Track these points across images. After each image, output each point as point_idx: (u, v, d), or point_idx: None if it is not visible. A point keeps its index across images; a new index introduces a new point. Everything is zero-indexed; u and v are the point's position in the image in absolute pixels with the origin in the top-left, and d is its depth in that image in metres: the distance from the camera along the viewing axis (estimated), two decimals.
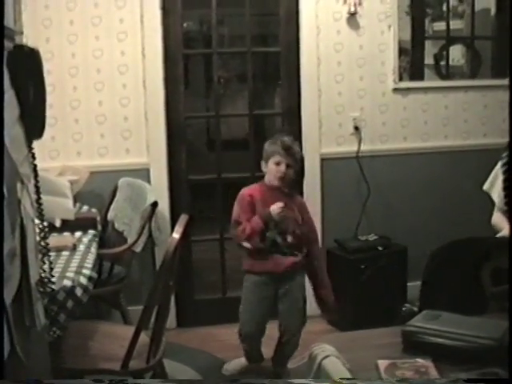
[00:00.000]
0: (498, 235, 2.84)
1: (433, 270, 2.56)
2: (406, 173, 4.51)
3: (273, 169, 3.46)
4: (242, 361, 3.71)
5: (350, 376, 1.57)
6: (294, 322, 3.53)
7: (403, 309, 2.03)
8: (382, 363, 1.89)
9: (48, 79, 1.63)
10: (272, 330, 3.58)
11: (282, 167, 3.43)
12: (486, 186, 3.08)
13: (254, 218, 3.41)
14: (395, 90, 4.43)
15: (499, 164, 2.90)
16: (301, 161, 3.54)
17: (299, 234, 3.49)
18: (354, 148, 4.39)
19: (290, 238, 3.46)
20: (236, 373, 3.68)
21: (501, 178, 2.80)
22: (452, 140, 4.57)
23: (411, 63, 4.49)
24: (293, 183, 3.56)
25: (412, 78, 4.50)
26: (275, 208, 3.39)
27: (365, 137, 4.41)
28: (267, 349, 3.63)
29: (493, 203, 3.00)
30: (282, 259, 3.45)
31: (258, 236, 3.40)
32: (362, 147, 4.39)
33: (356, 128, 4.39)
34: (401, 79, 4.43)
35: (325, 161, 4.39)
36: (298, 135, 4.35)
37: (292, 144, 3.49)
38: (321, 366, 1.64)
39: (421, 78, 4.56)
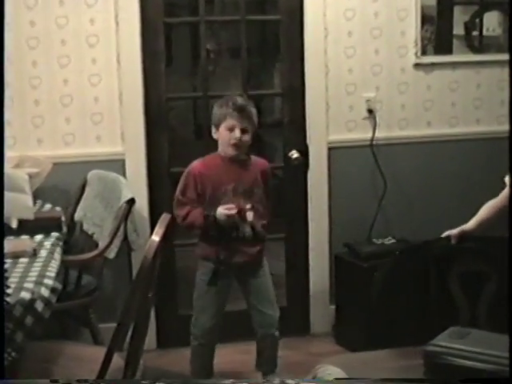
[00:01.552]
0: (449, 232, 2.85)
1: (383, 289, 2.62)
2: (429, 164, 4.51)
3: (225, 135, 3.51)
4: None
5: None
6: (267, 313, 3.68)
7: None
8: None
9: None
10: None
11: (237, 133, 3.48)
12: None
13: (196, 210, 3.50)
14: (417, 65, 4.42)
15: None
16: (258, 123, 3.59)
17: (260, 209, 3.57)
18: (368, 135, 4.39)
19: (250, 216, 3.53)
20: None
21: None
22: (485, 125, 4.57)
23: (437, 33, 4.47)
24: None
25: (438, 51, 4.49)
26: (223, 212, 3.46)
27: (380, 121, 4.41)
28: None
29: None
30: (245, 247, 3.57)
31: (199, 229, 3.54)
32: (377, 134, 4.40)
33: (370, 111, 4.40)
34: (424, 53, 4.43)
35: (333, 150, 4.40)
36: (301, 119, 4.37)
37: (246, 104, 3.52)
38: None
39: (448, 51, 4.53)
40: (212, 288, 3.63)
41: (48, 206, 3.85)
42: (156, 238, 2.55)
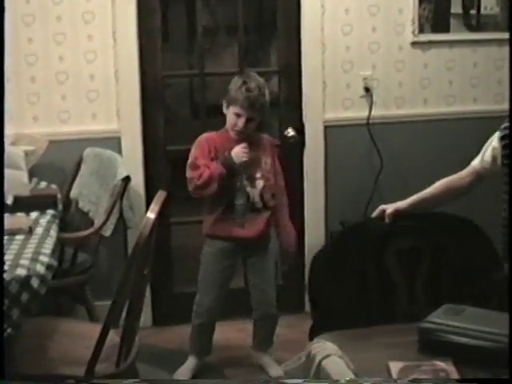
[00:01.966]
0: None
1: (322, 270, 2.64)
2: (426, 142, 4.51)
3: (231, 119, 3.56)
4: (190, 362, 3.81)
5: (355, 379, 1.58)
6: (266, 295, 3.73)
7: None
8: (395, 365, 1.91)
9: None
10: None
11: (241, 121, 3.53)
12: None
13: (213, 162, 3.52)
14: (414, 43, 4.41)
15: (496, 136, 2.93)
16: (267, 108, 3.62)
17: (270, 179, 3.61)
18: (365, 113, 4.39)
19: (260, 184, 3.58)
20: (190, 377, 3.77)
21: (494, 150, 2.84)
22: (482, 104, 4.56)
23: (434, 12, 4.45)
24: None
25: (435, 29, 4.47)
26: (237, 151, 3.50)
27: (377, 100, 4.40)
28: None
29: None
30: (254, 219, 3.58)
31: (217, 183, 3.49)
32: (374, 112, 4.39)
33: (367, 89, 4.39)
34: (421, 31, 4.41)
35: (329, 128, 4.40)
36: (297, 97, 4.36)
37: (258, 95, 3.51)
38: (320, 367, 1.65)
39: (446, 29, 4.52)
40: (217, 267, 3.65)
41: (44, 184, 3.85)
42: (151, 214, 2.55)
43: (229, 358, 3.98)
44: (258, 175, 3.60)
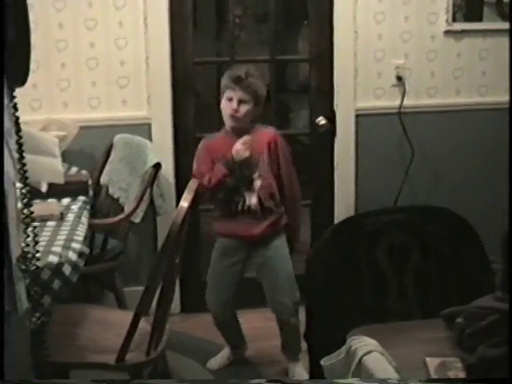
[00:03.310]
0: None
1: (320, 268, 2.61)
2: (458, 133, 4.46)
3: (225, 106, 3.50)
4: (226, 352, 3.80)
5: (396, 376, 1.54)
6: (280, 301, 3.55)
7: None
8: (432, 361, 1.87)
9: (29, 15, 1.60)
10: None
11: (233, 103, 3.44)
12: None
13: (216, 165, 3.47)
14: (447, 32, 4.35)
15: None
16: (267, 92, 3.56)
17: (267, 178, 3.49)
18: (396, 102, 4.34)
19: (257, 185, 3.48)
20: (223, 366, 3.77)
21: None
22: None
23: (467, 0, 4.38)
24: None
25: (468, 18, 4.42)
26: (237, 148, 3.42)
27: (409, 89, 4.35)
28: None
29: None
30: (254, 220, 3.50)
31: (224, 182, 3.44)
32: (406, 101, 4.34)
33: (399, 78, 4.34)
34: (454, 19, 4.35)
35: (360, 117, 4.36)
36: (328, 86, 4.33)
37: (245, 76, 3.44)
38: (361, 363, 1.61)
39: (479, 18, 4.47)
40: (222, 264, 3.61)
41: (74, 170, 3.84)
42: (185, 203, 2.55)
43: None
44: (255, 175, 3.49)
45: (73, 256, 2.54)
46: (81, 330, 2.86)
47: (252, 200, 3.49)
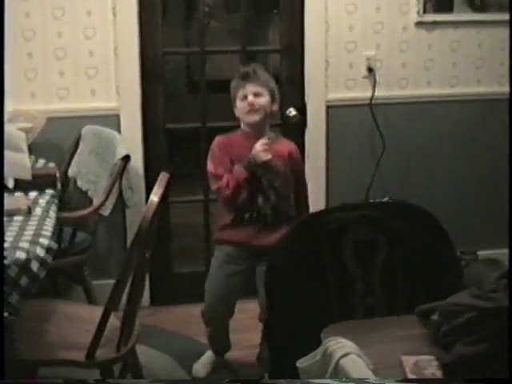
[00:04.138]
0: None
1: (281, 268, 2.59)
2: (429, 124, 4.46)
3: (241, 106, 3.40)
4: (208, 355, 3.68)
5: (374, 378, 1.52)
6: None
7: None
8: (408, 360, 1.85)
9: None
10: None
11: (250, 98, 3.36)
12: None
13: (235, 167, 3.34)
14: (419, 23, 4.34)
15: None
16: (273, 88, 3.46)
17: (288, 190, 3.43)
18: (368, 94, 4.33)
19: (273, 198, 3.37)
20: (209, 370, 3.65)
21: None
22: (486, 86, 4.51)
23: None
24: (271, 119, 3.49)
25: (438, 9, 4.41)
26: (258, 149, 3.29)
27: (380, 80, 4.34)
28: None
29: None
30: (265, 231, 3.37)
31: (243, 188, 3.32)
32: (377, 93, 4.33)
33: (370, 69, 4.33)
34: (425, 11, 4.34)
35: (331, 108, 4.34)
36: (299, 77, 4.31)
37: (253, 71, 3.41)
38: (338, 366, 1.58)
39: (449, 9, 4.46)
40: (223, 273, 3.44)
41: (41, 162, 3.78)
42: (155, 198, 2.50)
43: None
44: (271, 188, 3.38)
45: (41, 252, 2.47)
46: (49, 326, 2.81)
47: (267, 211, 3.38)
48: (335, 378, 1.55)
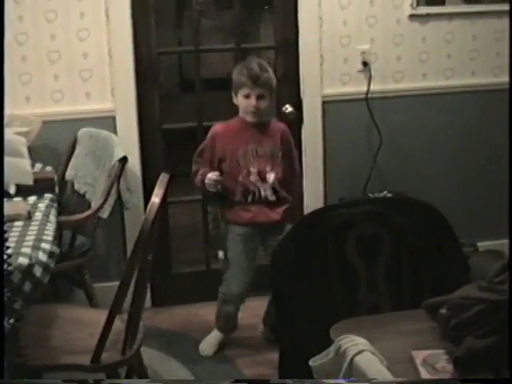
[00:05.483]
0: None
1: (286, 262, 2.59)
2: (425, 117, 4.45)
3: (243, 103, 3.60)
4: (215, 335, 3.84)
5: (389, 375, 1.51)
6: None
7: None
8: (418, 354, 1.85)
9: None
10: None
11: (253, 100, 3.58)
12: None
13: (208, 175, 3.57)
14: (412, 16, 4.33)
15: None
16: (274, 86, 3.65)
17: (279, 172, 3.63)
18: (363, 88, 4.32)
19: (271, 177, 3.61)
20: (216, 349, 3.81)
21: None
22: (481, 77, 4.50)
23: None
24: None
25: (430, 1, 4.39)
26: (208, 182, 3.56)
27: (375, 74, 4.33)
28: None
29: None
30: (269, 209, 3.64)
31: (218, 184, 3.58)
32: (372, 87, 4.32)
33: (365, 64, 4.31)
34: (418, 4, 4.33)
35: (327, 104, 4.33)
36: (294, 73, 4.30)
37: (261, 72, 3.57)
38: (353, 364, 1.58)
39: (441, 1, 4.46)
40: (239, 252, 3.67)
41: (38, 166, 3.76)
42: (156, 199, 2.50)
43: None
44: (268, 168, 3.61)
45: (43, 257, 2.47)
46: (53, 331, 2.81)
47: (267, 191, 3.61)
48: (350, 377, 1.54)
